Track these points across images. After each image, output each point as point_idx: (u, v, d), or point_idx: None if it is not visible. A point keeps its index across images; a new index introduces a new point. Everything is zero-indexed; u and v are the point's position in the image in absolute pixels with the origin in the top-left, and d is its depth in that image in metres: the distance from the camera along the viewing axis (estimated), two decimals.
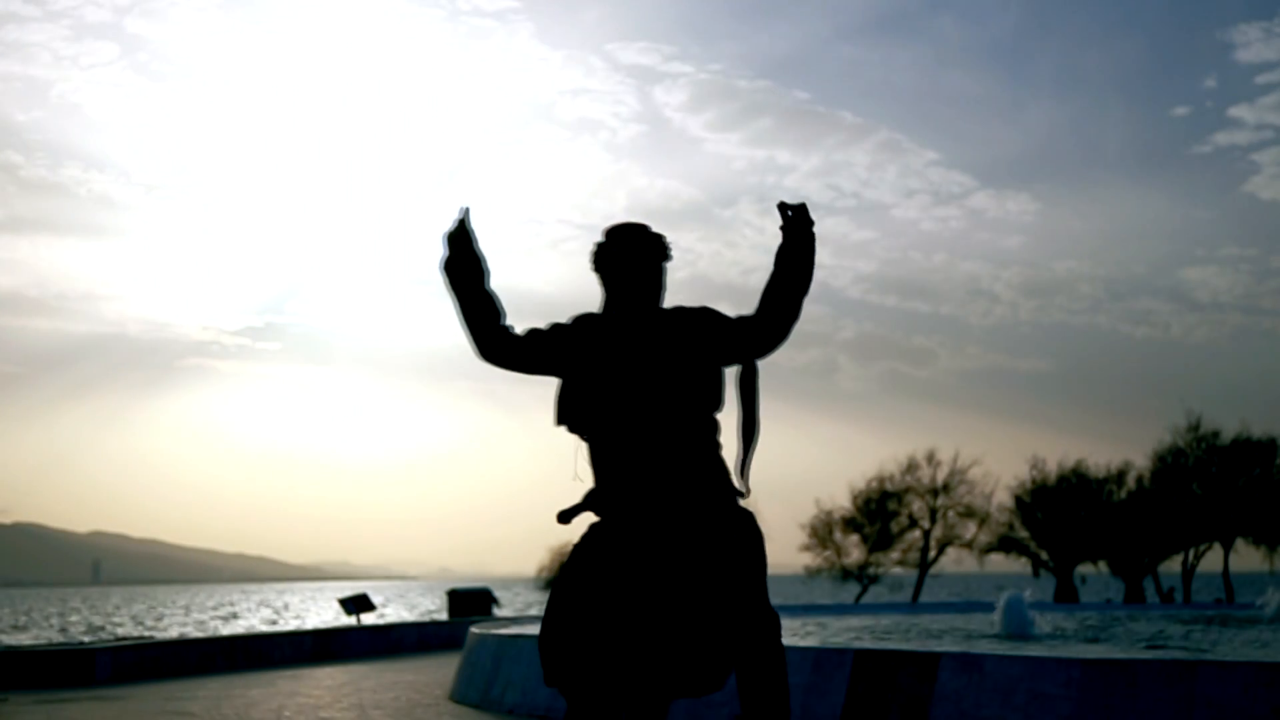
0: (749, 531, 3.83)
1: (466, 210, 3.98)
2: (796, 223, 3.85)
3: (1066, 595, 41.66)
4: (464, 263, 3.94)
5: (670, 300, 4.03)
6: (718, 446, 3.90)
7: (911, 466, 43.40)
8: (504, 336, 3.94)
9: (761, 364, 3.98)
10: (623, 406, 3.81)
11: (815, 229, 3.88)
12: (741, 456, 3.96)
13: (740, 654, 3.74)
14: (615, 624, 3.67)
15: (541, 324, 3.99)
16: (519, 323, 4.02)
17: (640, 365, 3.83)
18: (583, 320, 3.99)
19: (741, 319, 3.89)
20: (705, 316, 3.91)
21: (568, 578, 3.78)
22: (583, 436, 3.90)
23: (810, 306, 3.94)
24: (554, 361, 3.94)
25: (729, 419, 3.99)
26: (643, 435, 3.80)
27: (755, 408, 3.97)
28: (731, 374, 3.97)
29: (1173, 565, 41.96)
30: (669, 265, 4.02)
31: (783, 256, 3.86)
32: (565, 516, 3.92)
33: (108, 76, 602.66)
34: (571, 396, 3.89)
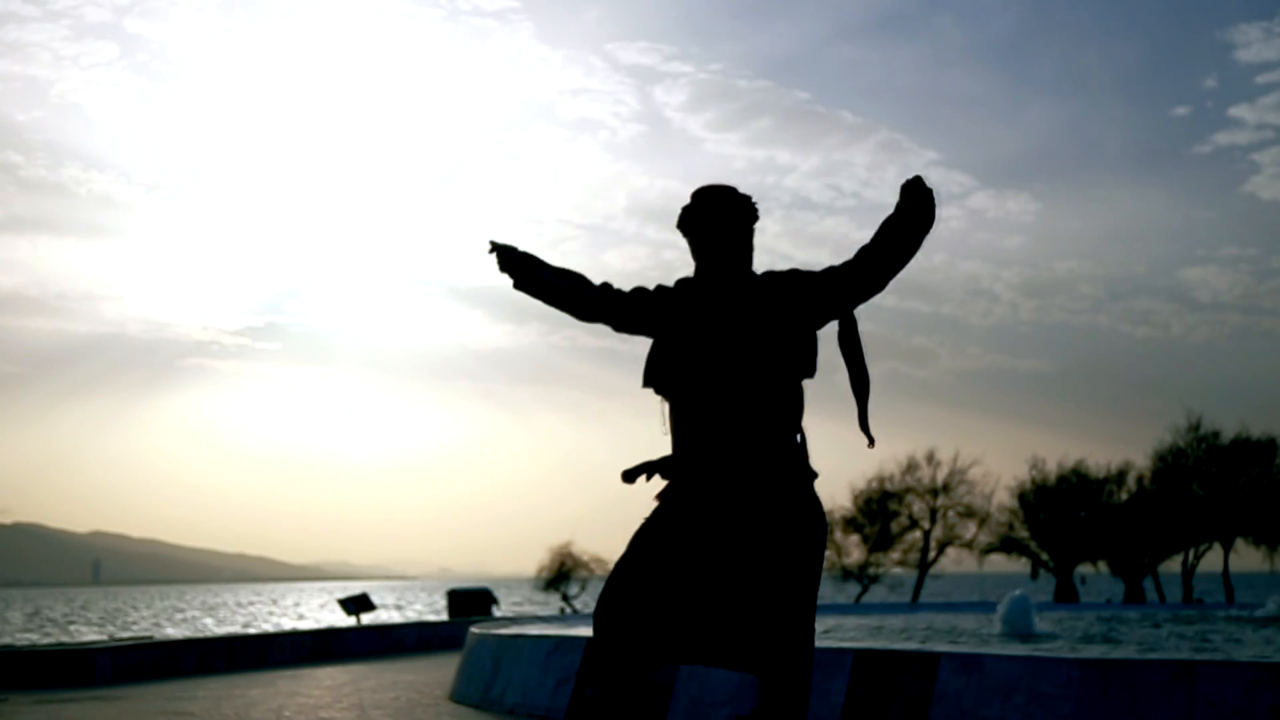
0: (815, 527, 3.81)
1: (491, 244, 4.08)
2: (914, 187, 3.82)
3: (1066, 595, 41.68)
4: (523, 276, 4.05)
5: None
6: (800, 418, 3.89)
7: (911, 466, 43.40)
8: (602, 295, 4.02)
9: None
10: (709, 371, 3.80)
11: (935, 202, 3.82)
12: (859, 409, 3.98)
13: (768, 655, 3.73)
14: (665, 587, 3.70)
15: (649, 286, 4.06)
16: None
17: (730, 330, 3.82)
18: (681, 284, 4.02)
19: (831, 268, 3.89)
20: (793, 278, 3.91)
21: (636, 541, 3.80)
22: (667, 398, 3.90)
23: None
24: (649, 321, 3.98)
25: (831, 380, 3.99)
26: (727, 401, 3.78)
27: (862, 359, 3.98)
28: (831, 334, 3.97)
29: (1173, 565, 41.96)
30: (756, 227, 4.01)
31: (893, 215, 3.83)
32: (629, 476, 3.91)
33: (108, 76, 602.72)
34: (660, 358, 3.91)
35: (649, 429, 3.97)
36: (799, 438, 3.88)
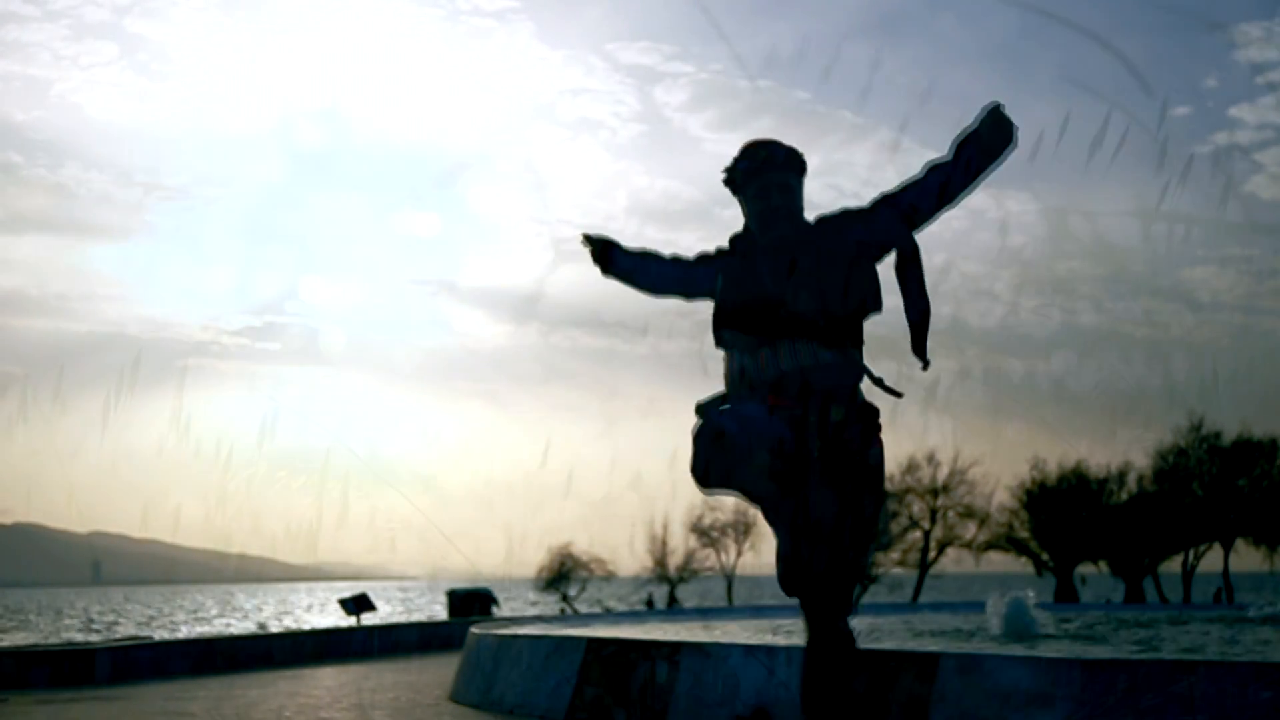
0: (875, 465, 3.81)
1: (584, 237, 4.11)
2: (995, 111, 3.81)
3: (1066, 595, 41.67)
4: (609, 264, 4.08)
5: None
6: (860, 354, 3.88)
7: (911, 467, 43.42)
8: (671, 269, 4.07)
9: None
10: (772, 318, 3.78)
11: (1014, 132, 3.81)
12: (915, 334, 3.92)
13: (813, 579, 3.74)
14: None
15: (710, 249, 4.08)
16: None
17: (789, 275, 3.81)
18: (736, 240, 4.03)
19: (886, 193, 3.88)
20: (845, 216, 3.91)
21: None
22: (731, 350, 3.89)
23: None
24: (709, 283, 3.98)
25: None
26: (791, 347, 3.76)
27: (922, 284, 3.90)
28: (889, 272, 3.93)
29: (1173, 566, 41.95)
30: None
31: (971, 133, 3.82)
32: (704, 410, 3.88)
33: (108, 76, 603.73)
34: (722, 314, 3.91)
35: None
36: (862, 374, 3.85)
